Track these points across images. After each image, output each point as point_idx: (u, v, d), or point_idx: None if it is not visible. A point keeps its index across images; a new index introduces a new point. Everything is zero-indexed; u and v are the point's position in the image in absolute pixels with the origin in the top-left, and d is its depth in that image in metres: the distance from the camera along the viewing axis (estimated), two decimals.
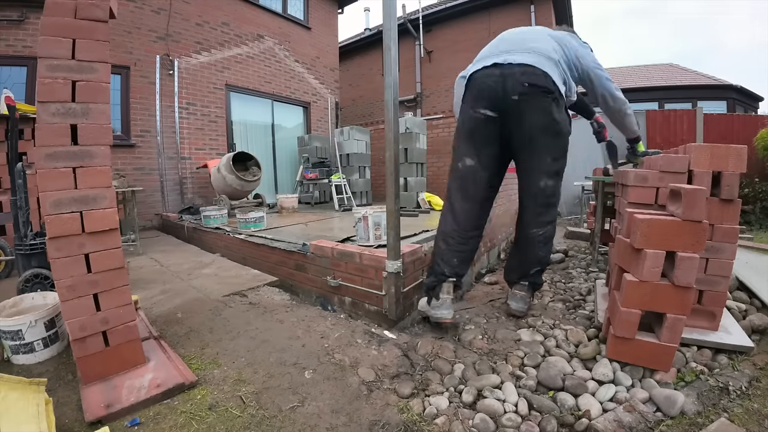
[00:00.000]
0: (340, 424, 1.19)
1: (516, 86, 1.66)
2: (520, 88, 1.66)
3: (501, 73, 1.70)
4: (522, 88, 1.66)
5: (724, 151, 1.48)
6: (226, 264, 3.17)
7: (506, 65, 1.71)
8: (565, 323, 1.82)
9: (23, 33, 4.19)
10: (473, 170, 1.80)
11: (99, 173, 1.32)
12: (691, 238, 1.26)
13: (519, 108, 1.69)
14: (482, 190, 1.84)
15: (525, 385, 1.36)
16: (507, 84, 1.68)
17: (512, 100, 1.67)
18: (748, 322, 1.66)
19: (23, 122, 2.84)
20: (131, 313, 1.42)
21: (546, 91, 1.67)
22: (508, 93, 1.67)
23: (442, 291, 1.81)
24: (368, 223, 2.46)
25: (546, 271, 2.79)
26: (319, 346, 1.67)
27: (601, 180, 2.67)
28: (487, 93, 1.72)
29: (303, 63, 7.60)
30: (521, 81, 1.66)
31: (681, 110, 6.38)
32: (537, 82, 1.66)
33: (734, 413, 1.17)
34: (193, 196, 5.79)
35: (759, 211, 4.82)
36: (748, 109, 10.18)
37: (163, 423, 1.18)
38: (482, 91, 1.73)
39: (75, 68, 1.27)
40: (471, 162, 1.79)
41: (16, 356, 1.54)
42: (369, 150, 6.63)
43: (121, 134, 5.01)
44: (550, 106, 1.69)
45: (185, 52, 5.63)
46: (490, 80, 1.72)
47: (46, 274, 2.04)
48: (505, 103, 1.69)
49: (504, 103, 1.69)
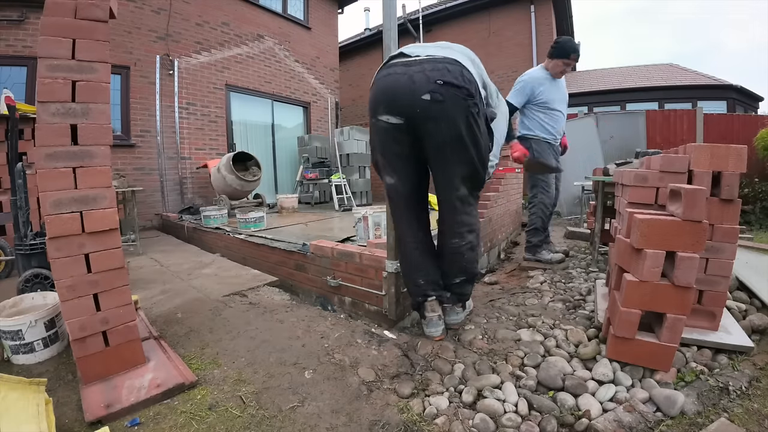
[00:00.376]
0: (340, 424, 1.19)
1: (426, 84, 1.35)
2: (432, 85, 1.34)
3: (406, 69, 1.39)
4: (433, 87, 1.35)
5: (724, 151, 1.48)
6: (226, 264, 3.17)
7: (414, 57, 1.41)
8: (565, 323, 1.82)
9: (23, 33, 4.19)
10: (397, 188, 1.59)
11: (99, 173, 1.32)
12: (691, 238, 1.26)
13: (431, 111, 1.37)
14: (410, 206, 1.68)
15: (525, 385, 1.36)
16: (415, 78, 1.36)
17: (421, 101, 1.36)
18: (748, 322, 1.66)
19: (23, 122, 2.84)
20: (131, 313, 1.42)
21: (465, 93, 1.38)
22: (417, 91, 1.36)
23: (426, 310, 1.72)
24: (368, 223, 2.46)
25: (546, 271, 2.80)
26: (319, 346, 1.67)
27: (601, 180, 2.67)
28: (383, 99, 1.41)
29: (303, 63, 7.60)
30: (432, 78, 1.34)
31: (681, 110, 6.38)
32: (454, 81, 1.36)
33: (734, 413, 1.17)
34: (193, 196, 5.79)
35: (759, 211, 4.82)
36: (748, 109, 10.17)
37: (163, 423, 1.18)
38: (380, 97, 1.43)
39: (75, 68, 1.27)
40: (392, 181, 1.58)
41: (16, 356, 1.54)
42: (369, 150, 6.63)
43: (121, 134, 5.01)
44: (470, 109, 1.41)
45: (185, 52, 5.64)
46: (394, 77, 1.40)
47: (46, 274, 2.04)
48: (412, 105, 1.37)
49: (411, 104, 1.37)
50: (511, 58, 8.67)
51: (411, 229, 1.70)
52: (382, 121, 1.44)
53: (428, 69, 1.37)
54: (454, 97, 1.38)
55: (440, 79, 1.35)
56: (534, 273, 2.79)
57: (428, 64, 1.39)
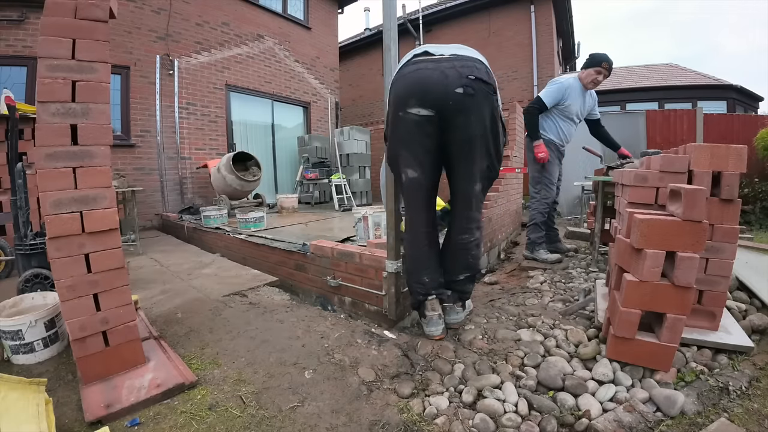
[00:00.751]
0: (340, 424, 1.19)
1: (458, 78, 1.40)
2: (464, 80, 1.39)
3: (437, 65, 1.43)
4: (466, 81, 1.39)
5: (724, 151, 1.48)
6: (226, 264, 3.17)
7: (439, 56, 1.47)
8: (565, 323, 1.82)
9: (23, 33, 4.19)
10: (420, 181, 1.60)
11: (99, 173, 1.32)
12: (691, 238, 1.26)
13: (464, 104, 1.41)
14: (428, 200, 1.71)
15: (525, 385, 1.36)
16: (448, 73, 1.41)
17: (455, 94, 1.40)
18: (748, 322, 1.66)
19: (23, 122, 2.84)
20: (131, 313, 1.42)
21: (492, 89, 1.47)
22: (450, 85, 1.40)
23: (426, 309, 1.73)
24: (368, 223, 2.46)
25: (546, 271, 2.80)
26: (319, 346, 1.67)
27: (601, 180, 2.67)
28: (414, 91, 1.43)
29: (303, 63, 7.60)
30: (463, 73, 1.40)
31: (681, 110, 6.38)
32: (482, 77, 1.43)
33: (734, 413, 1.17)
34: (193, 196, 5.79)
35: (759, 211, 4.82)
36: (748, 109, 10.18)
37: (163, 423, 1.18)
38: (410, 90, 1.45)
39: (75, 68, 1.27)
40: (414, 174, 1.58)
41: (16, 356, 1.54)
42: (369, 150, 6.63)
43: (121, 134, 5.01)
44: (495, 105, 1.50)
45: (185, 52, 5.64)
46: (426, 72, 1.43)
47: (46, 274, 2.04)
48: (445, 97, 1.41)
49: (444, 97, 1.41)
50: (511, 58, 8.67)
51: (425, 224, 1.71)
52: (412, 114, 1.45)
53: (458, 65, 1.43)
54: (483, 92, 1.44)
55: (471, 74, 1.41)
56: (534, 273, 2.79)
57: (457, 62, 1.44)
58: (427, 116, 1.45)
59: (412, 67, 1.50)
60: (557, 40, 9.25)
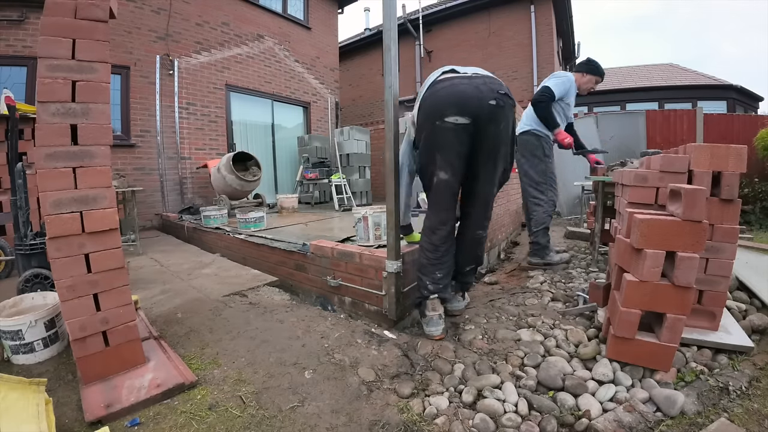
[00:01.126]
0: (340, 424, 1.19)
1: (490, 92, 1.60)
2: (495, 94, 1.60)
3: (470, 81, 1.63)
4: (497, 95, 1.60)
5: (724, 151, 1.48)
6: (226, 264, 3.17)
7: (467, 74, 1.67)
8: (565, 323, 1.82)
9: (23, 33, 4.19)
10: (452, 183, 1.73)
11: (99, 173, 1.32)
12: (691, 238, 1.26)
13: (495, 115, 1.61)
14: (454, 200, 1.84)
15: (525, 385, 1.36)
16: (481, 88, 1.60)
17: (488, 105, 1.59)
18: (748, 322, 1.66)
19: (23, 122, 2.84)
20: (131, 313, 1.43)
21: (513, 104, 1.70)
22: (484, 98, 1.59)
23: (427, 308, 1.79)
24: (368, 223, 2.46)
25: (546, 271, 2.80)
26: (319, 346, 1.67)
27: (601, 180, 2.67)
28: (450, 102, 1.60)
29: (303, 63, 7.60)
30: (494, 88, 1.61)
31: (681, 110, 6.38)
32: (507, 92, 1.65)
33: (734, 413, 1.17)
34: (193, 196, 5.79)
35: (759, 211, 4.82)
36: (748, 109, 10.18)
37: (163, 423, 1.18)
38: (447, 101, 1.61)
39: (75, 68, 1.27)
40: (446, 176, 1.70)
41: (16, 356, 1.54)
42: (369, 150, 6.63)
43: (121, 134, 5.01)
44: (513, 117, 1.73)
45: (185, 52, 5.63)
46: (461, 86, 1.62)
47: (46, 274, 2.04)
48: (480, 108, 1.59)
49: (479, 108, 1.59)
50: (511, 58, 8.66)
51: (451, 221, 1.82)
52: (450, 123, 1.61)
53: (488, 82, 1.65)
54: (509, 105, 1.66)
55: (500, 89, 1.63)
56: (534, 273, 2.79)
57: (487, 78, 1.67)
58: (463, 125, 1.61)
59: (446, 83, 1.66)
60: (557, 40, 9.25)
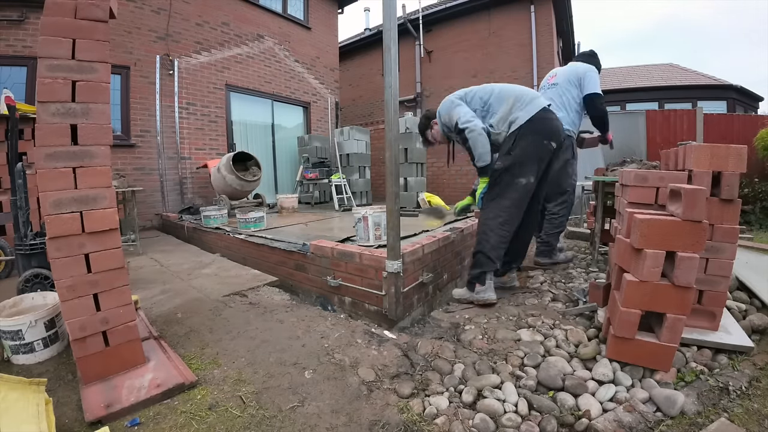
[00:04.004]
0: (340, 424, 1.19)
1: (562, 130, 2.23)
2: (563, 132, 2.25)
3: (558, 120, 2.24)
4: (564, 132, 2.27)
5: (724, 151, 1.48)
6: (226, 264, 3.17)
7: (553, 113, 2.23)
8: (565, 323, 1.82)
9: (23, 33, 4.19)
10: (532, 186, 2.19)
11: (99, 173, 1.32)
12: (691, 238, 1.26)
13: (562, 146, 2.29)
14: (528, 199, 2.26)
15: (525, 385, 1.36)
16: (561, 128, 2.24)
17: (561, 140, 2.22)
18: (748, 322, 1.66)
19: (23, 122, 2.84)
20: (131, 313, 1.42)
21: None
22: (561, 134, 2.23)
23: (488, 278, 2.14)
24: (368, 223, 2.46)
25: (546, 271, 2.80)
26: (319, 346, 1.67)
27: (601, 180, 2.67)
28: (555, 132, 2.18)
29: (303, 63, 7.60)
30: (561, 128, 2.24)
31: (681, 110, 6.36)
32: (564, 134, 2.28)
33: (734, 413, 1.17)
34: (193, 196, 5.78)
35: (759, 211, 4.81)
36: (748, 109, 10.18)
37: (163, 423, 1.18)
38: (554, 130, 2.18)
39: (75, 68, 1.27)
40: (532, 180, 2.16)
41: (16, 356, 1.54)
42: (369, 150, 6.63)
43: (121, 134, 5.01)
44: None
45: (185, 52, 5.63)
46: (557, 123, 2.22)
47: (46, 274, 2.04)
48: (560, 141, 2.21)
49: (560, 141, 2.22)
50: (511, 58, 8.65)
51: (520, 218, 2.21)
52: (551, 145, 2.15)
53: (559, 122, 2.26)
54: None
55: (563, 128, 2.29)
56: (534, 273, 2.78)
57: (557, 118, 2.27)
58: (553, 149, 2.17)
59: (549, 115, 2.19)
60: (557, 40, 9.24)
